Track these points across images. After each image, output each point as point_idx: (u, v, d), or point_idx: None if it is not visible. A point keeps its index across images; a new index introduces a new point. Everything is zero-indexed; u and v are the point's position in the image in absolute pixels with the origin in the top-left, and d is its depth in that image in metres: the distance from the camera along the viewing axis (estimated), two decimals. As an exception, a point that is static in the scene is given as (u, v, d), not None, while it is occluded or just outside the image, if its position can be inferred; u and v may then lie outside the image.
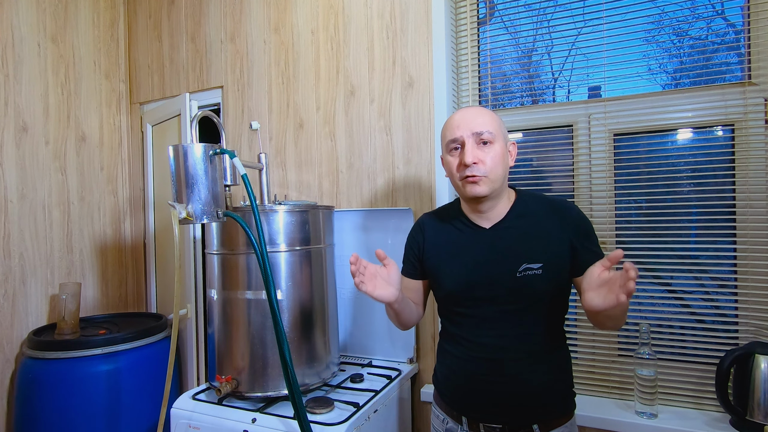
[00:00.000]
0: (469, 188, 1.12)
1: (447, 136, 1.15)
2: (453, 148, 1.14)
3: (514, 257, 1.12)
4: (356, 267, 1.06)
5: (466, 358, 1.18)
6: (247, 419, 1.35)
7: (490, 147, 1.11)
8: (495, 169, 1.11)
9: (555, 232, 1.14)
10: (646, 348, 1.43)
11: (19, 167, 2.07)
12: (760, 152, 1.41)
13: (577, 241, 1.12)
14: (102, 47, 2.44)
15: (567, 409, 1.18)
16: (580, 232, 1.13)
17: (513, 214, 1.18)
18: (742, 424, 1.33)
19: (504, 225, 1.17)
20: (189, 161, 1.28)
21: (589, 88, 1.67)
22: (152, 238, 2.48)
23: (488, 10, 1.82)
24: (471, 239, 1.19)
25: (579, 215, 1.16)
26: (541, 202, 1.20)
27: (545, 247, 1.12)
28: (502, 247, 1.15)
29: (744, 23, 1.47)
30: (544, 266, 1.11)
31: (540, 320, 1.14)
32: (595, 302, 0.92)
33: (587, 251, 1.12)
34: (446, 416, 1.24)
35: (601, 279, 0.92)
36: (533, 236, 1.14)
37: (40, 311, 2.13)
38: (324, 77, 1.99)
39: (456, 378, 1.20)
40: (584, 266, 1.11)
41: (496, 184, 1.12)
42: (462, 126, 1.12)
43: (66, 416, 1.80)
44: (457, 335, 1.20)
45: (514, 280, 1.11)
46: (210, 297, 1.53)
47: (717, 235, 1.48)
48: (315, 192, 2.02)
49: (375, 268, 1.11)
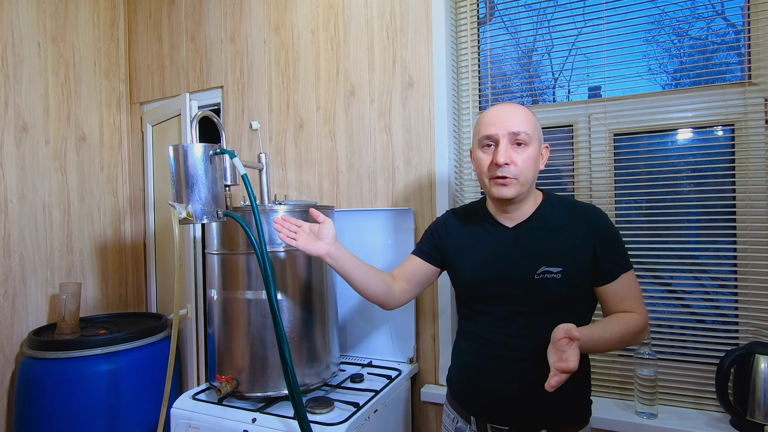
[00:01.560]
0: (496, 189, 1.10)
1: (481, 132, 1.12)
2: (486, 144, 1.11)
3: (533, 259, 1.10)
4: (280, 224, 1.13)
5: (476, 354, 1.17)
6: (247, 419, 1.35)
7: (524, 149, 1.08)
8: (526, 172, 1.08)
9: (579, 238, 1.10)
10: (646, 348, 1.43)
11: (19, 167, 2.07)
12: (760, 152, 1.41)
13: (600, 249, 1.09)
14: (102, 47, 2.44)
15: (579, 416, 1.14)
16: (605, 240, 1.09)
17: (538, 215, 1.15)
18: (742, 424, 1.33)
19: (527, 226, 1.15)
20: (189, 161, 1.28)
21: (589, 88, 1.67)
22: (152, 238, 2.48)
23: (488, 10, 1.82)
24: (492, 237, 1.18)
25: (605, 222, 1.12)
26: (568, 205, 1.17)
27: (567, 251, 1.09)
28: (522, 247, 1.13)
29: (744, 23, 1.47)
30: (564, 271, 1.07)
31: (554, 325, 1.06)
32: (551, 360, 0.95)
33: (609, 261, 1.09)
34: (456, 415, 1.24)
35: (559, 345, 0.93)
36: (556, 240, 1.11)
37: (40, 311, 2.13)
38: (324, 77, 1.99)
39: (465, 374, 1.20)
40: (606, 276, 1.09)
41: (524, 188, 1.10)
42: (498, 123, 1.09)
43: (66, 416, 1.80)
44: (471, 332, 1.20)
45: (531, 282, 1.09)
46: (210, 297, 1.53)
47: (717, 235, 1.48)
48: (315, 192, 2.02)
49: (308, 225, 1.18)
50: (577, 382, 1.13)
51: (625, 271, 1.10)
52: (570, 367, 0.87)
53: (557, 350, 0.93)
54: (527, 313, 1.11)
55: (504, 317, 1.13)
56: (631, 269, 1.11)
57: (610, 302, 1.10)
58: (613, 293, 1.09)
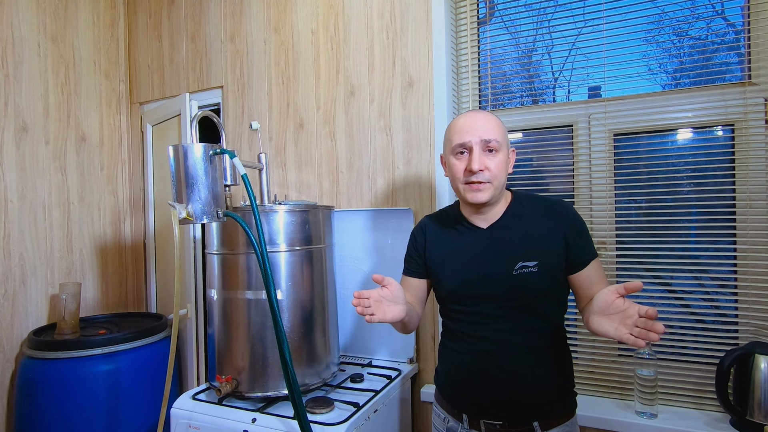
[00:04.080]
0: (471, 194, 1.14)
1: (454, 140, 1.16)
2: (459, 152, 1.16)
3: (510, 256, 1.14)
4: (359, 302, 1.05)
5: (466, 352, 1.19)
6: (247, 419, 1.35)
7: (495, 155, 1.14)
8: (499, 176, 1.14)
9: (550, 230, 1.16)
10: (646, 348, 1.43)
11: (19, 167, 2.07)
12: (760, 152, 1.41)
13: (571, 238, 1.14)
14: (102, 47, 2.44)
15: (567, 407, 1.18)
16: (574, 229, 1.16)
17: (509, 214, 1.20)
18: (742, 424, 1.33)
19: (500, 225, 1.19)
20: (189, 161, 1.28)
21: (589, 88, 1.67)
22: (152, 238, 2.48)
23: (488, 10, 1.82)
24: (469, 239, 1.21)
25: (573, 213, 1.19)
26: (536, 202, 1.22)
27: (540, 245, 1.14)
28: (498, 246, 1.17)
29: (744, 23, 1.46)
30: (540, 264, 1.12)
31: (538, 318, 1.15)
32: (605, 329, 0.94)
33: (580, 248, 1.15)
34: (447, 414, 1.25)
35: (615, 307, 0.93)
36: (529, 235, 1.16)
37: (40, 311, 2.13)
38: (324, 77, 1.99)
39: (456, 372, 1.21)
40: (577, 263, 1.14)
41: (497, 191, 1.15)
42: (471, 131, 1.13)
43: (66, 416, 1.80)
44: (458, 332, 1.21)
45: (510, 278, 1.13)
46: (210, 297, 1.53)
47: (717, 235, 1.48)
48: (315, 192, 2.02)
49: (377, 293, 1.10)
50: (564, 373, 1.18)
51: (594, 257, 1.15)
52: (654, 339, 0.85)
53: (615, 313, 0.93)
54: (511, 308, 1.14)
55: (489, 315, 1.16)
56: (598, 256, 1.17)
57: (584, 287, 1.15)
58: (587, 278, 1.14)
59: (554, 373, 1.16)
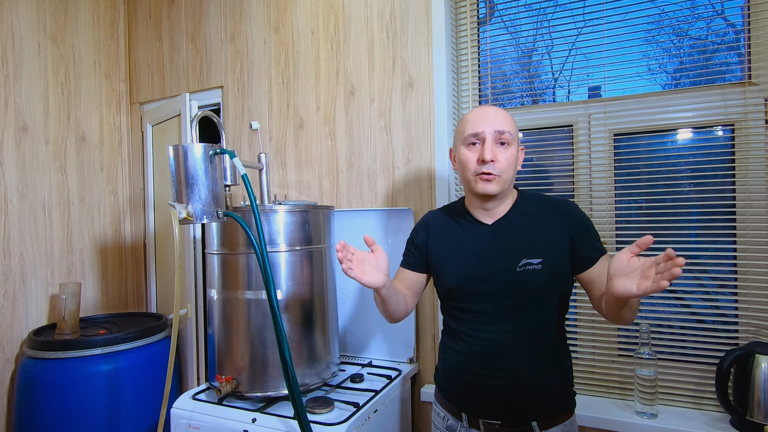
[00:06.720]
0: (481, 185, 1.14)
1: (467, 130, 1.16)
2: (472, 142, 1.15)
3: (514, 252, 1.14)
4: (343, 253, 1.07)
5: (466, 353, 1.19)
6: (247, 419, 1.35)
7: (506, 148, 1.14)
8: (508, 170, 1.14)
9: (554, 229, 1.16)
10: (646, 348, 1.43)
11: (19, 167, 2.07)
12: (760, 152, 1.41)
13: (576, 238, 1.14)
14: (102, 47, 2.44)
15: (566, 407, 1.18)
16: (580, 228, 1.16)
17: (514, 211, 1.20)
18: (742, 424, 1.33)
19: (505, 221, 1.19)
20: (189, 161, 1.28)
21: (589, 88, 1.67)
22: (152, 238, 2.48)
23: (488, 10, 1.82)
24: (473, 235, 1.21)
25: (578, 213, 1.19)
26: (542, 200, 1.22)
27: (545, 243, 1.14)
28: (502, 242, 1.17)
29: (744, 23, 1.46)
30: (544, 261, 1.12)
31: (539, 316, 1.15)
32: (627, 288, 0.91)
33: (587, 246, 1.14)
34: (447, 413, 1.25)
35: (632, 266, 0.92)
36: (533, 233, 1.16)
37: (40, 311, 2.13)
38: (324, 77, 1.99)
39: (456, 373, 1.21)
40: (586, 261, 1.14)
41: (506, 185, 1.15)
42: (485, 122, 1.14)
43: (66, 416, 1.80)
44: (459, 331, 1.21)
45: (514, 275, 1.13)
46: (210, 297, 1.53)
47: (717, 235, 1.48)
48: (315, 192, 2.02)
49: (363, 254, 1.12)
50: (564, 373, 1.18)
51: (602, 254, 1.15)
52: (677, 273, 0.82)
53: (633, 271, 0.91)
54: (513, 306, 1.14)
55: (491, 313, 1.16)
56: (606, 252, 1.17)
57: (596, 284, 1.14)
58: (597, 275, 1.13)
59: (554, 374, 1.16)
